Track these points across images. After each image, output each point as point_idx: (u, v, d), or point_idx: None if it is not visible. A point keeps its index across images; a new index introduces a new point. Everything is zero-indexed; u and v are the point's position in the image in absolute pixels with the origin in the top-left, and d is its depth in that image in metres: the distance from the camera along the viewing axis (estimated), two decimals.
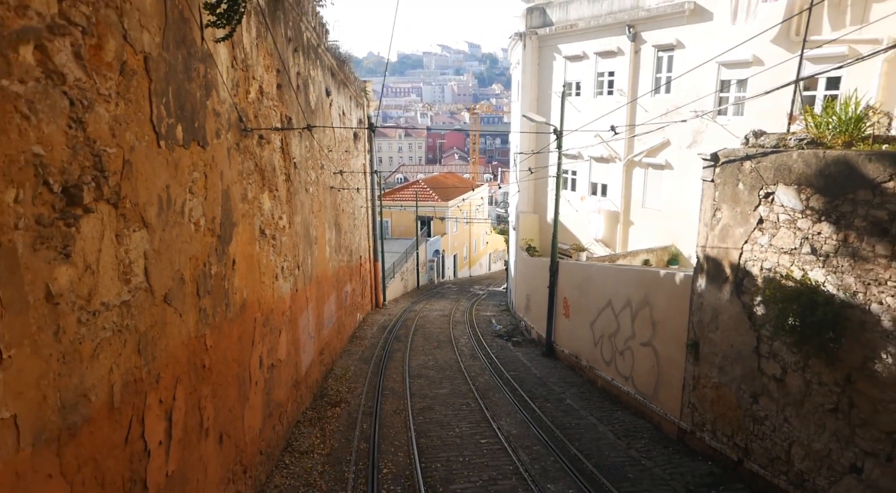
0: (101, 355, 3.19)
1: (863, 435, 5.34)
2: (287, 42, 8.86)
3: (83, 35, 3.00)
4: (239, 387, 6.11)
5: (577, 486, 7.12)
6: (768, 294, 6.27)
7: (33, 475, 2.56)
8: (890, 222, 5.02)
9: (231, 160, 5.77)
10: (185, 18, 4.44)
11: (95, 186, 3.12)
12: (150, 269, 3.83)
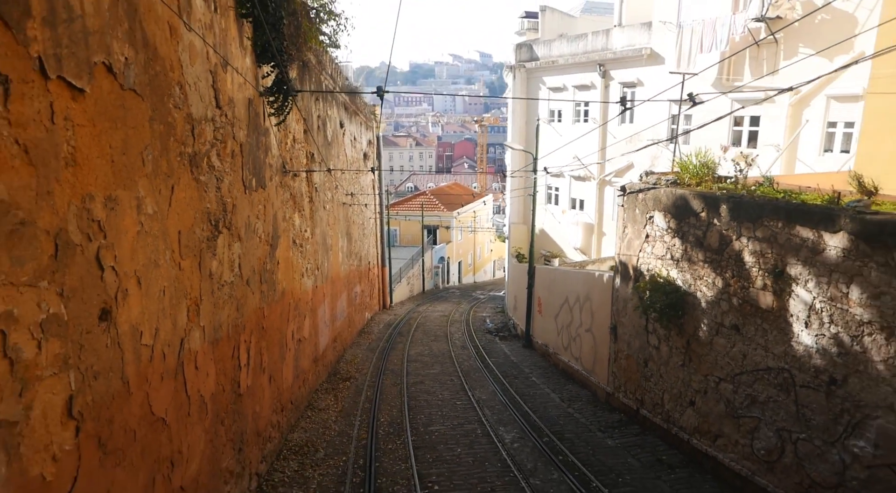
0: (225, 308, 6.24)
1: (695, 379, 8.25)
2: (311, 95, 11.96)
3: (220, 144, 6.09)
4: (280, 349, 9.17)
5: (521, 429, 10.06)
6: (649, 287, 9.19)
7: (208, 355, 5.60)
8: (703, 238, 7.95)
9: (277, 194, 8.86)
10: (258, 113, 7.54)
11: (222, 220, 6.19)
12: (241, 264, 6.89)
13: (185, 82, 4.94)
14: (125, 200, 3.75)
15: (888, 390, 5.29)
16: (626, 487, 7.69)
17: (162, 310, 4.41)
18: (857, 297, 5.54)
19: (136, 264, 3.90)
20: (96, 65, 3.34)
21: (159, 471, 4.31)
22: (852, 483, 5.69)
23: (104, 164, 3.46)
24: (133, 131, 3.89)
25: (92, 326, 3.29)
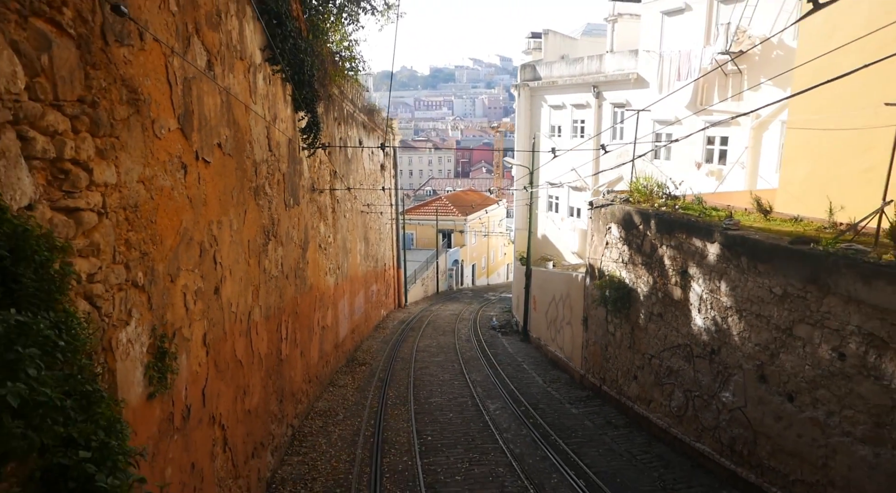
0: (272, 294, 8.81)
1: (636, 358, 10.60)
2: (333, 120, 14.55)
3: (271, 176, 8.66)
4: (308, 332, 11.74)
5: (505, 401, 12.47)
6: (606, 285, 11.54)
7: (263, 326, 8.16)
8: (641, 245, 10.30)
9: (308, 208, 11.45)
10: (294, 148, 10.13)
11: (272, 231, 8.77)
12: (283, 263, 9.47)
13: (253, 139, 7.52)
14: (225, 222, 6.32)
15: (740, 355, 7.61)
16: (577, 439, 10.07)
17: (240, 291, 6.98)
18: (724, 289, 7.87)
19: (229, 261, 6.47)
20: (215, 145, 5.91)
21: (238, 394, 6.86)
22: (722, 424, 8.01)
23: (216, 201, 6.03)
24: (228, 179, 6.46)
25: (212, 295, 5.85)
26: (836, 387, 6.11)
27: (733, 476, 7.76)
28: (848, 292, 5.91)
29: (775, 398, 6.99)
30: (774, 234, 7.60)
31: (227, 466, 6.42)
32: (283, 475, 8.73)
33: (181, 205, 5.02)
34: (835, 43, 7.71)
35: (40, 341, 2.38)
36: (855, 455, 5.90)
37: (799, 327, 6.58)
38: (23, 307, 2.41)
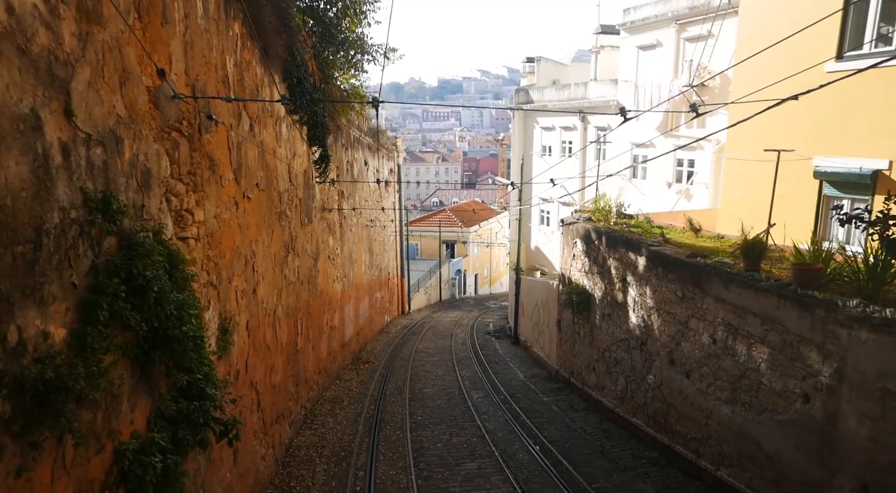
0: (291, 297, 11.18)
1: (594, 352, 12.84)
2: (342, 147, 16.98)
3: (290, 202, 11.06)
4: (319, 330, 14.09)
5: (487, 392, 14.73)
6: (573, 291, 13.80)
7: (283, 321, 10.51)
8: (597, 257, 12.57)
9: (319, 225, 13.84)
10: (309, 177, 12.53)
11: (290, 245, 11.15)
12: (299, 271, 11.85)
13: (278, 175, 9.93)
14: (259, 240, 8.70)
15: (658, 345, 9.86)
16: (541, 419, 12.32)
17: (269, 292, 9.34)
18: (648, 293, 10.13)
19: (263, 269, 8.85)
20: (254, 185, 8.31)
21: (267, 370, 9.21)
22: (648, 401, 10.25)
23: (254, 225, 8.41)
24: (261, 208, 8.84)
25: (251, 294, 8.22)
26: (711, 364, 8.35)
27: (655, 441, 9.98)
28: (716, 293, 8.17)
29: (678, 377, 9.23)
30: (686, 249, 9.87)
31: (259, 423, 8.75)
32: (298, 443, 11.05)
33: (234, 230, 7.40)
34: (759, 85, 9.94)
35: (187, 310, 4.73)
36: (721, 414, 8.13)
37: (691, 320, 8.84)
38: (177, 290, 4.77)
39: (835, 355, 6.22)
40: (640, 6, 19.87)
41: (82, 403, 3.38)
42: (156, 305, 4.17)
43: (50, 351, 3.19)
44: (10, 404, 2.84)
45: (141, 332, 4.06)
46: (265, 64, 8.81)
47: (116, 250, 4.03)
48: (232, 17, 7.22)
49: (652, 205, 18.25)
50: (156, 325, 4.20)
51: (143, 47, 4.53)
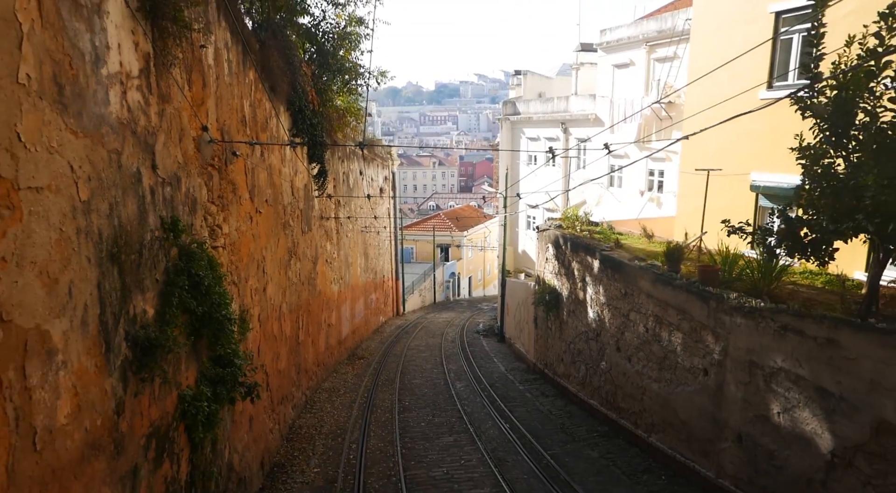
0: (293, 295, 13.02)
1: (562, 345, 14.68)
2: (338, 159, 18.83)
3: (293, 213, 12.91)
4: (317, 326, 15.92)
5: (469, 382, 16.57)
6: (545, 290, 15.64)
7: (287, 317, 12.35)
8: (564, 260, 14.42)
9: (317, 232, 15.69)
10: (308, 190, 14.39)
11: (293, 251, 13.00)
12: (300, 274, 13.70)
13: (283, 191, 11.78)
14: (268, 247, 10.55)
15: (608, 335, 11.70)
16: (514, 403, 14.14)
17: (276, 291, 11.19)
18: (601, 291, 11.98)
19: (271, 271, 10.70)
20: (264, 201, 10.17)
21: (274, 357, 11.04)
22: (602, 384, 12.09)
23: (264, 235, 10.25)
24: (270, 220, 10.69)
25: (262, 292, 10.07)
26: (645, 349, 10.20)
27: (606, 418, 11.82)
28: (648, 290, 10.02)
29: (623, 361, 11.07)
30: (632, 253, 11.72)
31: (268, 401, 10.58)
32: (299, 424, 12.87)
33: (249, 239, 9.25)
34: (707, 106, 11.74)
35: (224, 300, 6.57)
36: (651, 390, 9.97)
37: (631, 313, 10.68)
38: (217, 285, 6.59)
39: (722, 337, 8.07)
40: (615, 28, 21.76)
41: (166, 356, 5.22)
42: (205, 295, 6.02)
43: (147, 322, 5.04)
44: (132, 352, 4.68)
45: (197, 313, 5.91)
46: (273, 99, 10.67)
47: (178, 257, 5.87)
48: (248, 67, 9.08)
49: (626, 212, 20.10)
50: (205, 309, 6.04)
51: (193, 110, 6.39)
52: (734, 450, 7.92)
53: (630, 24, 21.10)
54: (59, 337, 3.54)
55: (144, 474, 4.90)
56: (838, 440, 6.29)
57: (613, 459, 10.24)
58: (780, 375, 7.08)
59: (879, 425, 5.82)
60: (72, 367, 3.68)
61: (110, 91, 4.41)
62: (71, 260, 3.72)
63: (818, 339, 6.52)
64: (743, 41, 13.01)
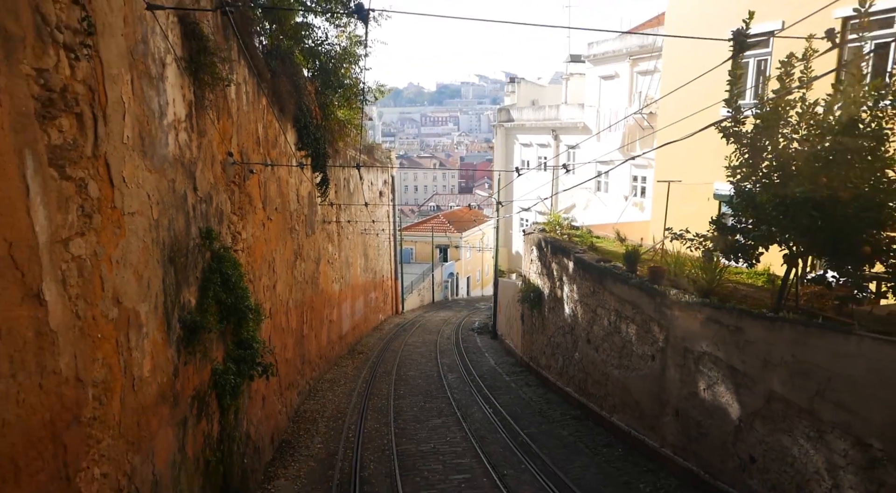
0: (298, 293, 14.61)
1: (545, 339, 16.23)
2: (340, 167, 20.41)
3: (298, 218, 14.50)
4: (320, 322, 17.51)
5: (461, 374, 18.14)
6: (530, 289, 17.19)
7: (293, 311, 13.93)
8: (545, 261, 15.98)
9: (320, 235, 17.28)
10: (312, 197, 15.97)
11: (298, 252, 14.59)
12: (305, 272, 15.28)
13: (290, 199, 13.36)
14: (277, 249, 12.14)
15: (580, 329, 13.26)
16: (499, 392, 15.71)
17: (284, 288, 12.77)
18: (575, 289, 13.54)
19: (279, 271, 12.28)
20: (274, 209, 11.76)
21: (281, 346, 12.62)
22: (576, 373, 13.65)
23: (274, 239, 11.84)
24: (278, 226, 12.27)
25: (272, 289, 11.65)
26: (609, 340, 11.75)
27: (579, 403, 13.38)
28: (610, 288, 11.57)
29: (591, 352, 12.63)
30: (602, 255, 13.27)
31: (276, 386, 12.15)
32: (304, 409, 14.45)
33: (262, 243, 10.83)
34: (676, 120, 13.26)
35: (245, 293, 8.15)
36: (613, 375, 11.52)
37: (598, 309, 12.24)
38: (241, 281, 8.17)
39: (664, 327, 9.63)
40: (602, 41, 23.31)
41: (204, 336, 6.80)
42: (232, 289, 7.60)
43: (192, 309, 6.62)
44: (182, 331, 6.26)
45: (226, 304, 7.49)
46: (281, 119, 12.26)
47: (211, 259, 7.45)
48: (261, 95, 10.67)
49: (612, 215, 21.63)
50: (232, 301, 7.62)
51: (220, 139, 7.98)
52: (673, 423, 9.47)
53: (615, 39, 22.64)
54: (144, 316, 5.12)
55: (190, 425, 6.49)
56: (743, 408, 7.83)
57: (580, 436, 11.81)
58: (704, 357, 8.63)
59: (769, 394, 7.36)
60: (150, 337, 5.26)
61: (169, 136, 6.00)
62: (149, 262, 5.30)
63: (730, 327, 8.07)
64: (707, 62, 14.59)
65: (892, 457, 5.81)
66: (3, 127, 3.04)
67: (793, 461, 7.02)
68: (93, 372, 4.06)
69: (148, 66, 5.37)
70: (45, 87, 3.55)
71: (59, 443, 3.58)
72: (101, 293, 4.25)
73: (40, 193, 3.41)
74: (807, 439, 6.81)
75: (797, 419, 6.94)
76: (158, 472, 5.33)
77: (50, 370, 3.49)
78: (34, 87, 3.44)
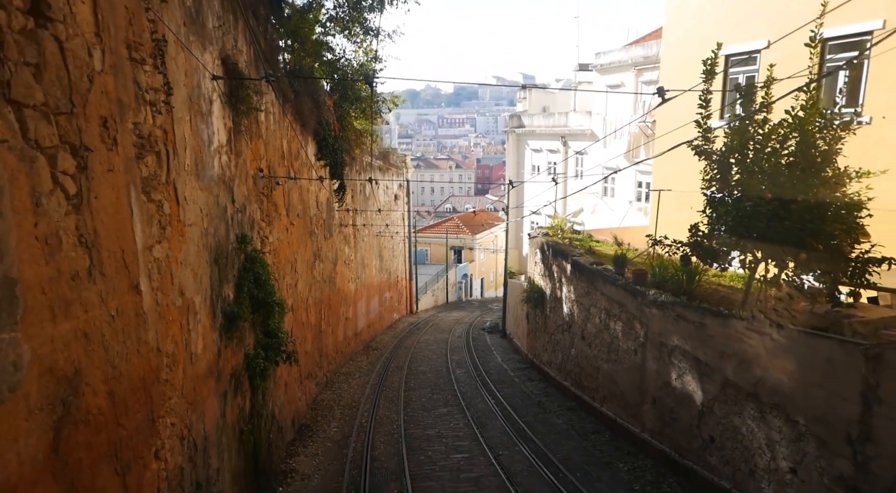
0: (317, 291, 16.02)
1: (546, 337, 17.47)
2: (356, 173, 21.84)
3: (317, 222, 15.93)
4: (337, 318, 18.92)
5: (468, 370, 19.44)
6: (534, 289, 18.43)
7: (312, 308, 15.34)
8: (547, 263, 17.22)
9: (337, 237, 18.69)
10: (330, 202, 17.39)
11: (318, 254, 16.00)
12: (323, 272, 16.70)
13: (309, 205, 14.77)
14: (299, 251, 13.55)
15: (576, 326, 14.48)
16: (503, 385, 16.98)
17: (304, 287, 14.18)
18: (572, 290, 14.76)
19: (300, 270, 13.69)
20: (296, 215, 13.17)
21: (301, 339, 14.03)
22: (572, 368, 14.87)
23: (296, 242, 13.25)
24: (300, 230, 13.68)
25: (294, 287, 13.07)
26: (600, 337, 12.97)
27: (574, 395, 14.61)
28: (601, 289, 12.79)
29: (585, 347, 13.86)
30: (599, 258, 14.48)
31: (297, 375, 13.56)
32: (321, 399, 15.85)
33: (286, 246, 12.23)
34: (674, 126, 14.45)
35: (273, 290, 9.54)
36: (603, 369, 12.74)
37: (591, 308, 13.47)
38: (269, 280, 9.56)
39: (644, 324, 10.84)
40: (608, 51, 24.48)
41: (240, 325, 8.19)
42: (262, 286, 8.99)
43: (230, 302, 8.01)
44: (224, 320, 7.64)
45: (258, 298, 8.88)
46: (303, 133, 13.68)
47: (245, 260, 8.84)
48: (286, 114, 12.08)
49: (618, 220, 22.78)
50: (262, 296, 9.01)
51: (252, 157, 9.38)
52: (651, 411, 10.67)
53: (620, 49, 23.79)
54: (198, 305, 6.51)
55: (229, 398, 7.88)
56: (705, 394, 9.02)
57: (573, 424, 13.05)
58: (676, 351, 9.83)
59: (725, 381, 8.54)
60: (202, 323, 6.65)
61: (214, 159, 7.39)
62: (201, 263, 6.69)
63: (695, 323, 9.26)
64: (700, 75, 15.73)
65: (812, 431, 6.99)
66: (119, 169, 4.41)
67: (742, 438, 8.22)
68: (167, 345, 5.44)
69: (200, 105, 6.76)
70: (139, 135, 4.93)
71: (148, 395, 4.93)
72: (171, 287, 5.63)
73: (138, 214, 4.78)
74: (752, 419, 8.00)
75: (745, 402, 8.13)
76: (207, 431, 6.71)
77: (143, 341, 4.85)
78: (133, 136, 4.82)
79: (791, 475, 7.32)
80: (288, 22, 13.91)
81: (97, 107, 4.08)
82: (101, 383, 4.06)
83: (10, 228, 3.03)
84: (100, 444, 4.00)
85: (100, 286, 4.07)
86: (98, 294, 4.04)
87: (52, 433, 3.42)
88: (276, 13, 12.62)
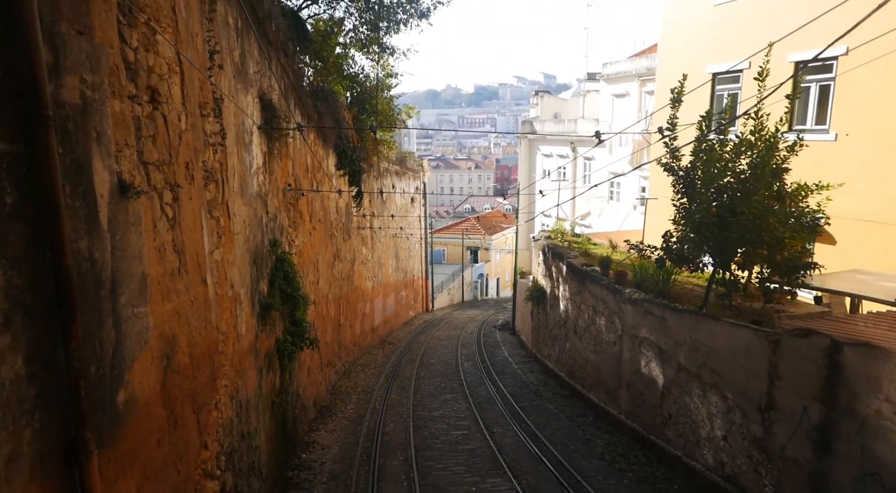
0: (336, 288, 17.92)
1: (547, 332, 19.16)
2: (373, 178, 23.74)
3: (337, 226, 17.82)
4: (354, 314, 20.83)
5: (476, 363, 21.22)
6: (537, 288, 20.12)
7: (332, 304, 17.24)
8: (548, 264, 18.91)
9: (355, 239, 20.59)
10: (349, 207, 19.28)
11: (337, 254, 17.90)
12: (342, 271, 18.60)
13: (330, 210, 16.67)
14: (321, 252, 15.45)
15: (570, 322, 16.16)
16: (505, 376, 18.72)
17: (325, 284, 16.09)
18: (567, 288, 16.44)
19: (322, 270, 15.60)
20: (318, 220, 15.08)
21: (322, 330, 15.93)
22: (567, 359, 16.55)
23: (318, 243, 15.15)
24: (321, 233, 15.58)
25: (316, 284, 14.97)
26: (588, 331, 14.65)
27: (569, 385, 16.30)
28: (589, 288, 14.47)
29: (577, 341, 15.54)
30: (592, 260, 16.15)
31: (318, 362, 15.46)
32: (339, 386, 17.76)
33: (309, 247, 14.13)
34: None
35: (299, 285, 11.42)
36: (590, 359, 14.42)
37: (582, 305, 15.15)
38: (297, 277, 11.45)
39: (622, 319, 12.51)
40: (614, 62, 26.02)
41: (272, 314, 10.08)
42: (290, 282, 10.87)
43: (264, 294, 9.91)
44: (260, 309, 9.54)
45: (287, 293, 10.76)
46: (325, 147, 15.58)
47: (276, 261, 10.73)
48: (309, 132, 13.96)
49: (622, 222, 24.34)
50: (290, 291, 10.89)
51: (282, 173, 11.27)
52: (626, 395, 12.35)
53: (626, 60, 25.33)
54: (243, 297, 8.39)
55: (264, 373, 9.78)
56: (665, 378, 10.68)
57: (563, 409, 14.76)
58: (644, 341, 11.50)
59: (679, 366, 10.20)
60: (245, 310, 8.53)
61: (253, 179, 9.28)
62: (244, 263, 8.57)
63: (658, 317, 10.93)
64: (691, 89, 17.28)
65: (738, 404, 8.64)
66: (195, 197, 6.27)
67: (690, 413, 9.88)
68: (222, 325, 7.31)
69: (244, 138, 8.66)
70: (205, 170, 6.81)
71: (211, 360, 6.80)
72: (225, 281, 7.51)
73: (206, 228, 6.65)
74: (697, 397, 9.66)
75: (693, 383, 9.79)
76: (248, 396, 8.60)
77: (208, 321, 6.72)
78: (202, 171, 6.69)
79: (723, 442, 8.98)
80: (311, 45, 15.87)
81: (183, 155, 5.95)
82: (186, 346, 5.92)
83: (144, 242, 4.88)
84: (185, 388, 5.87)
85: (184, 280, 5.94)
86: (184, 285, 5.90)
87: (162, 375, 5.27)
88: (300, 38, 14.51)
